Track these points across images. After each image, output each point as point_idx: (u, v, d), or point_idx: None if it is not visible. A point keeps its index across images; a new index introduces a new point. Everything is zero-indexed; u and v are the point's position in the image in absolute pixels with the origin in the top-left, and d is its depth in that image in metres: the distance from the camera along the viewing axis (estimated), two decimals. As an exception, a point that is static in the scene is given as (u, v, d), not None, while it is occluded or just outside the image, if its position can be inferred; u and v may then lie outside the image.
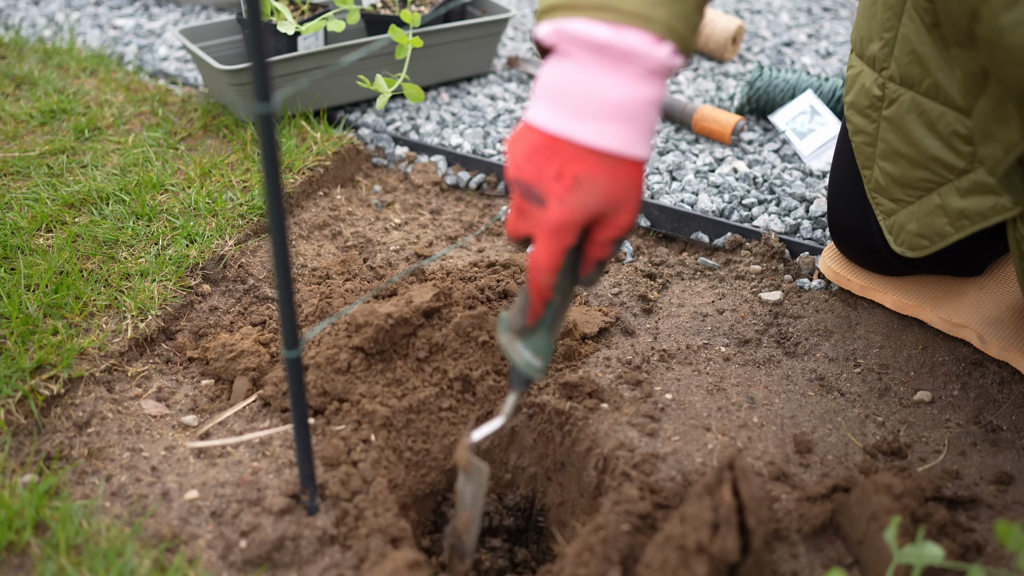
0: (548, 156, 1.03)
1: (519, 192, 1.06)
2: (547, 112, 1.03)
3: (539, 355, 1.15)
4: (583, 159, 1.02)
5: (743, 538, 1.10)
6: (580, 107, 1.01)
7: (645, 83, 1.01)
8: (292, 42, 2.27)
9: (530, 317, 1.13)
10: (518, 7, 3.10)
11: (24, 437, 1.40)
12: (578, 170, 1.02)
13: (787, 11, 3.09)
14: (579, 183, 1.02)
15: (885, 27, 1.43)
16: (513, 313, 1.15)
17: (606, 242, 1.08)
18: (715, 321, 1.72)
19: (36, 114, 2.24)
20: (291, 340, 1.14)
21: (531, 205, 1.05)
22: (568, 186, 1.02)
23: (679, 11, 1.01)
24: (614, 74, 1.00)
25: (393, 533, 1.26)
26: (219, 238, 1.83)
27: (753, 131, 2.31)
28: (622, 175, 1.03)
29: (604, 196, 1.03)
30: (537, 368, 1.16)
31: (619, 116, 1.01)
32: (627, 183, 1.04)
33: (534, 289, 1.10)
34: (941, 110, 1.37)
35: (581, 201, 1.03)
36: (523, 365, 1.16)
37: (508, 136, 2.30)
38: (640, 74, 1.01)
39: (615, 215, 1.05)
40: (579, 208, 1.03)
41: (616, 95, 1.01)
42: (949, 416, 1.51)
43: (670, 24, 1.00)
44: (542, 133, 1.04)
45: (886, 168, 1.49)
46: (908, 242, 1.49)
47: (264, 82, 0.99)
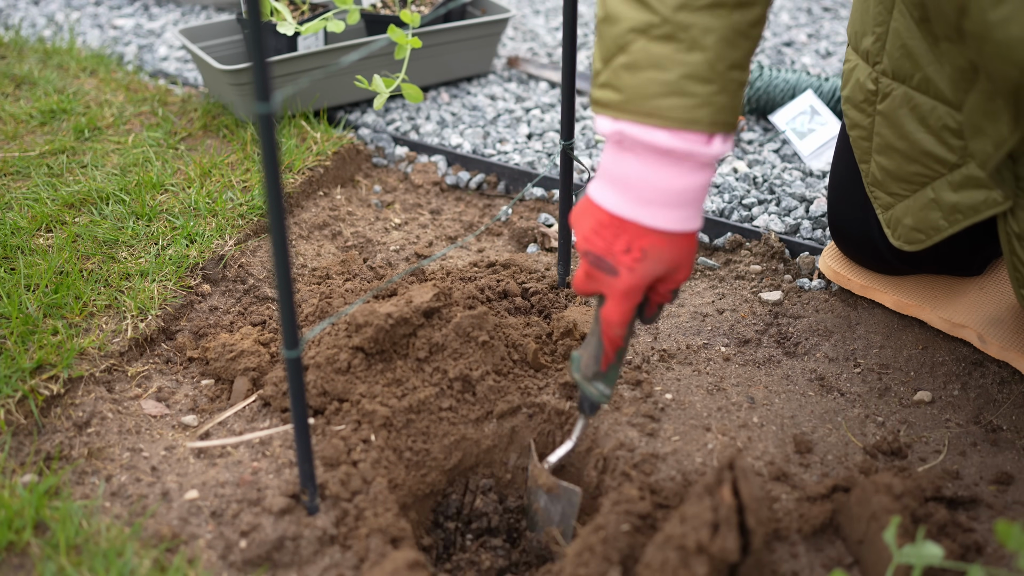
0: (616, 233, 1.17)
1: (589, 262, 1.21)
2: (614, 197, 1.17)
3: (610, 386, 1.31)
4: (649, 236, 1.16)
5: (743, 538, 1.10)
6: (644, 196, 1.15)
7: (699, 174, 1.14)
8: (292, 42, 2.27)
9: (603, 364, 1.29)
10: (518, 7, 3.10)
11: (24, 437, 1.40)
12: (644, 244, 1.16)
13: (787, 11, 3.09)
14: (646, 255, 1.16)
15: (877, 21, 1.43)
16: (587, 361, 1.30)
17: (667, 292, 1.24)
18: (715, 321, 1.72)
19: (36, 114, 2.24)
20: (291, 340, 1.14)
21: (602, 273, 1.20)
22: (637, 258, 1.17)
23: (721, 104, 1.11)
24: (675, 170, 1.14)
25: (393, 533, 1.26)
26: (219, 238, 1.83)
27: (753, 131, 2.31)
28: (682, 245, 1.18)
29: (667, 263, 1.18)
30: (607, 396, 1.32)
31: (678, 203, 1.15)
32: (686, 250, 1.19)
33: (608, 341, 1.26)
34: (932, 104, 1.38)
35: (648, 269, 1.17)
36: (597, 396, 1.31)
37: (524, 127, 2.31)
38: (696, 167, 1.14)
39: (675, 274, 1.21)
40: (647, 275, 1.18)
41: (676, 187, 1.14)
42: (949, 416, 1.51)
43: (714, 120, 1.11)
44: (609, 214, 1.17)
45: (882, 162, 1.50)
46: (905, 236, 1.50)
47: (264, 82, 0.99)
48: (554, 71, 2.59)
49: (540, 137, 2.32)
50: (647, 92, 1.11)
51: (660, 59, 1.10)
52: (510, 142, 2.29)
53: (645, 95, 1.11)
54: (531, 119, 2.38)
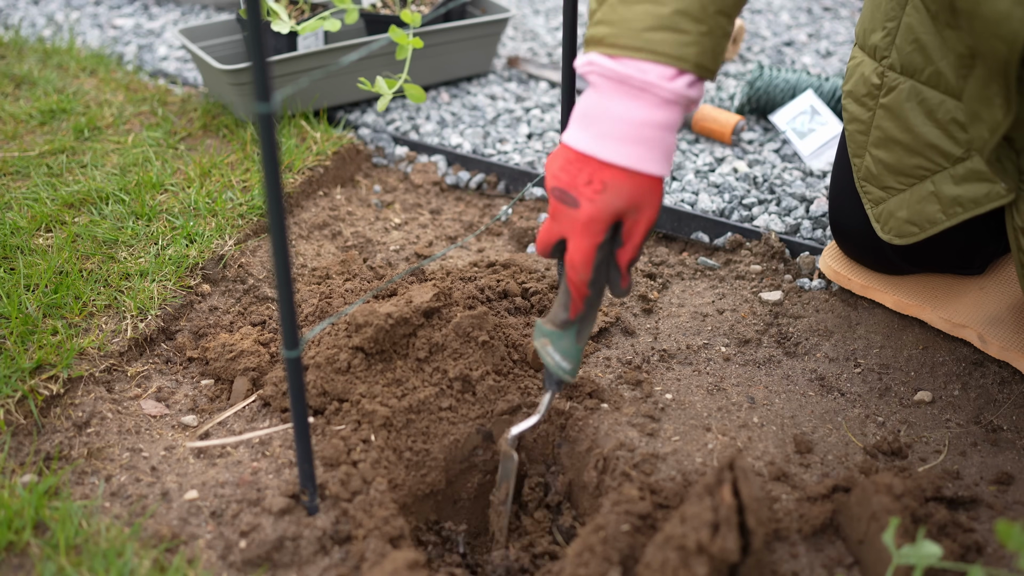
0: (580, 168, 1.19)
1: (555, 197, 1.21)
2: (578, 134, 1.20)
3: (567, 358, 1.29)
4: (609, 170, 1.18)
5: (743, 538, 1.10)
6: (604, 131, 1.17)
7: (659, 110, 1.15)
8: (292, 42, 2.27)
9: (571, 311, 1.27)
10: (518, 7, 3.10)
11: (24, 437, 1.40)
12: (605, 177, 1.18)
13: (787, 11, 3.09)
14: (606, 187, 1.18)
15: (888, 17, 1.45)
16: (553, 311, 1.29)
17: (635, 244, 1.23)
18: (715, 321, 1.72)
19: (36, 114, 2.24)
20: (291, 340, 1.14)
21: (566, 207, 1.20)
22: (597, 189, 1.18)
23: (707, 46, 1.14)
24: (632, 102, 1.15)
25: (393, 533, 1.26)
26: (219, 238, 1.82)
27: (753, 131, 2.31)
28: (642, 183, 1.18)
29: (627, 198, 1.18)
30: (566, 369, 1.30)
31: (637, 139, 1.16)
32: (647, 189, 1.19)
33: (573, 287, 1.25)
34: (941, 98, 1.39)
35: (608, 200, 1.18)
36: (553, 367, 1.30)
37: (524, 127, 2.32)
38: (656, 102, 1.15)
39: (638, 215, 1.20)
40: (607, 207, 1.18)
41: (634, 119, 1.15)
42: (949, 416, 1.51)
43: (699, 61, 1.14)
44: (574, 151, 1.20)
45: (879, 156, 1.50)
46: (896, 229, 1.50)
47: (264, 82, 0.99)
48: (554, 71, 2.59)
49: (540, 137, 2.32)
50: (640, 24, 1.13)
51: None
52: (510, 142, 2.29)
53: (637, 28, 1.13)
54: (531, 119, 2.38)
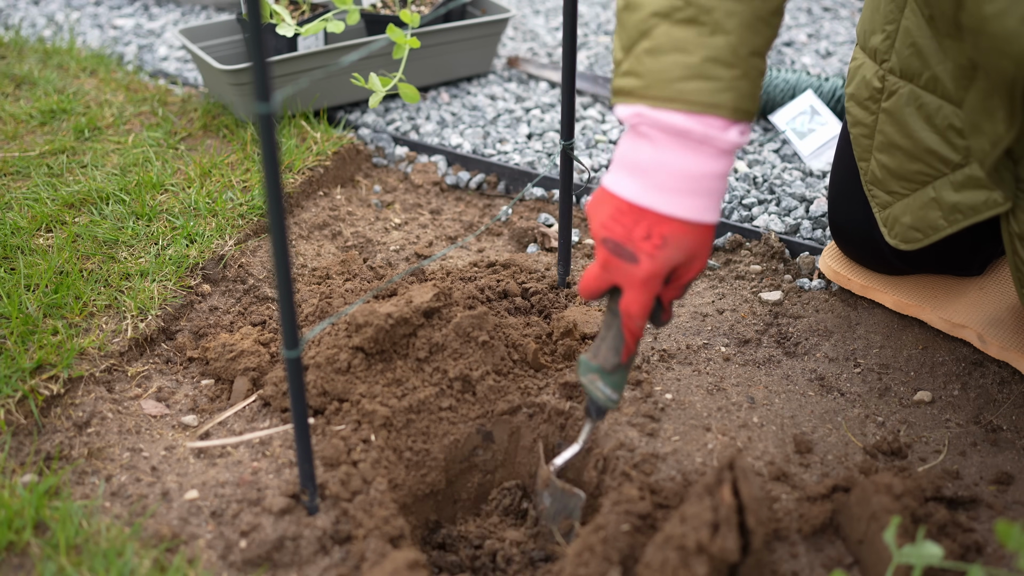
0: (635, 220, 1.15)
1: (608, 249, 1.18)
2: (631, 184, 1.16)
3: (616, 390, 1.30)
4: (668, 223, 1.15)
5: (743, 538, 1.10)
6: (661, 183, 1.14)
7: (716, 161, 1.13)
8: (292, 42, 2.27)
9: (624, 355, 1.26)
10: (518, 7, 3.10)
11: (24, 437, 1.40)
12: (664, 231, 1.15)
13: (787, 11, 3.09)
14: (667, 243, 1.15)
15: (888, 19, 1.44)
16: (604, 353, 1.27)
17: (680, 286, 1.22)
18: (715, 321, 1.72)
19: (36, 114, 2.24)
20: (291, 340, 1.14)
21: (621, 261, 1.18)
22: (657, 244, 1.15)
23: (744, 90, 1.12)
24: (692, 155, 1.13)
25: (393, 533, 1.26)
26: (219, 238, 1.83)
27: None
28: (701, 235, 1.17)
29: (687, 251, 1.16)
30: (615, 401, 1.30)
31: (696, 191, 1.14)
32: (705, 240, 1.18)
33: (628, 332, 1.23)
34: (939, 103, 1.38)
35: (668, 256, 1.16)
36: (604, 400, 1.30)
37: (524, 127, 2.31)
38: (714, 153, 1.13)
39: (692, 263, 1.19)
40: (667, 262, 1.16)
41: (693, 172, 1.13)
42: (949, 416, 1.51)
43: (737, 106, 1.12)
44: (627, 202, 1.16)
45: (883, 160, 1.50)
46: (902, 235, 1.50)
47: (264, 82, 0.99)
48: (554, 71, 2.59)
49: (540, 137, 2.32)
50: (670, 76, 1.10)
51: (683, 42, 1.10)
52: (510, 142, 2.29)
53: (668, 79, 1.11)
54: (531, 119, 2.38)
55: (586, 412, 1.34)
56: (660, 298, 1.24)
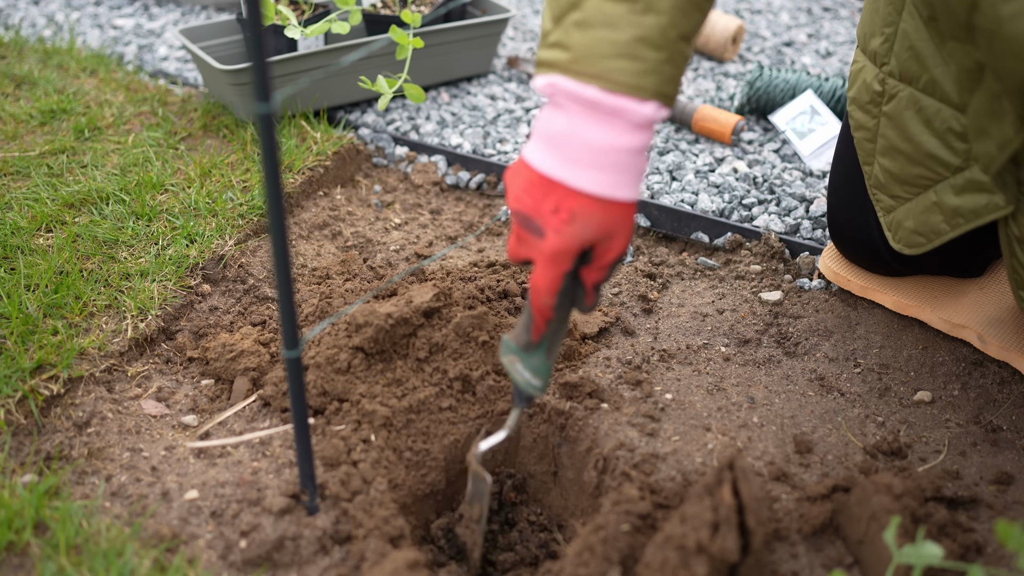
0: (545, 192, 1.12)
1: (518, 222, 1.15)
2: (544, 155, 1.12)
3: (537, 375, 1.25)
4: (577, 198, 1.10)
5: (743, 538, 1.10)
6: (573, 156, 1.10)
7: (631, 135, 1.09)
8: (292, 42, 2.27)
9: (534, 333, 1.22)
10: (518, 7, 3.10)
11: (24, 437, 1.40)
12: (573, 206, 1.10)
13: (787, 11, 3.09)
14: (575, 217, 1.11)
15: (886, 22, 1.43)
16: (517, 331, 1.25)
17: (602, 267, 1.17)
18: (715, 321, 1.72)
19: (36, 114, 2.24)
20: (291, 340, 1.14)
21: (530, 234, 1.15)
22: (564, 219, 1.11)
23: (668, 75, 1.09)
24: (603, 127, 1.09)
25: (393, 533, 1.26)
26: (219, 238, 1.83)
27: (753, 131, 2.31)
28: (613, 212, 1.12)
29: (597, 228, 1.12)
30: (536, 387, 1.25)
31: (608, 165, 1.10)
32: (618, 217, 1.12)
33: (536, 310, 1.20)
34: (938, 107, 1.38)
35: (576, 232, 1.11)
36: (524, 384, 1.25)
37: (524, 127, 2.31)
38: (627, 127, 1.09)
39: (609, 242, 1.14)
40: (574, 238, 1.12)
41: (604, 145, 1.09)
42: (949, 416, 1.51)
43: (659, 90, 1.08)
44: (539, 174, 1.12)
45: (885, 164, 1.49)
46: (905, 239, 1.50)
47: (264, 82, 0.99)
48: (554, 71, 2.58)
49: (540, 137, 2.31)
50: (597, 51, 1.08)
51: (614, 18, 1.07)
52: (510, 142, 2.29)
53: (595, 55, 1.08)
54: (531, 119, 2.38)
55: (512, 397, 1.30)
56: (583, 279, 1.19)
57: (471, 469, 1.34)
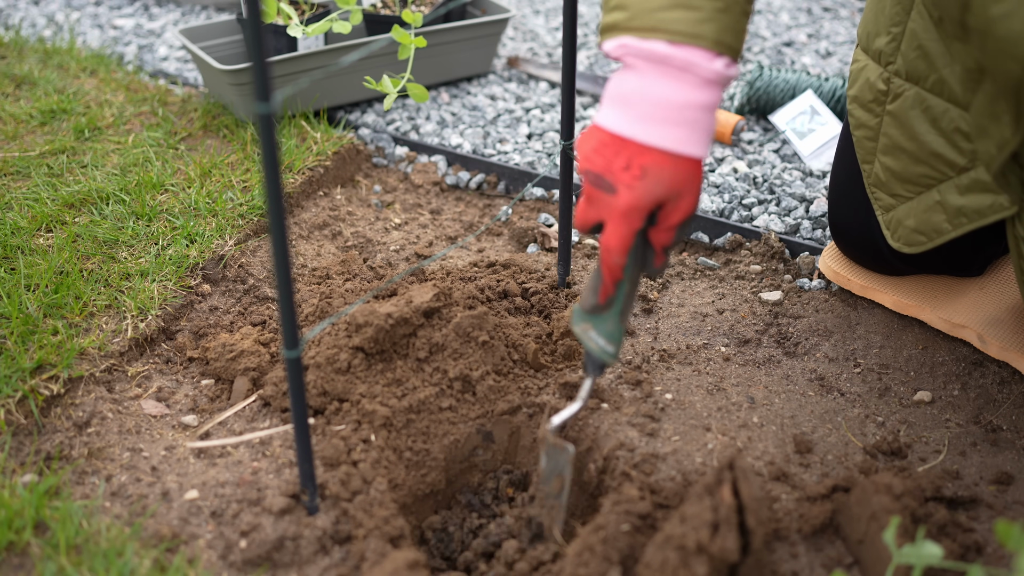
0: (616, 151, 1.15)
1: (590, 181, 1.18)
2: (614, 114, 1.15)
3: (612, 341, 1.25)
4: (649, 154, 1.13)
5: (743, 538, 1.10)
6: (644, 112, 1.13)
7: (701, 91, 1.12)
8: (292, 42, 2.27)
9: (601, 295, 1.23)
10: (518, 7, 3.10)
11: (24, 437, 1.40)
12: (644, 162, 1.13)
13: (787, 11, 3.09)
14: (646, 173, 1.13)
15: (893, 22, 1.43)
16: (584, 295, 1.25)
17: (671, 227, 1.19)
18: (715, 321, 1.72)
19: (36, 114, 2.24)
20: (291, 340, 1.14)
21: (602, 193, 1.17)
22: (636, 175, 1.14)
23: (726, 23, 1.11)
24: (674, 82, 1.12)
25: (393, 533, 1.26)
26: (219, 238, 1.83)
27: (753, 131, 2.32)
28: (684, 168, 1.14)
29: (668, 184, 1.14)
30: (611, 353, 1.25)
31: (678, 120, 1.12)
32: (688, 175, 1.15)
33: (606, 269, 1.21)
34: (945, 106, 1.38)
35: (648, 188, 1.14)
36: (598, 351, 1.25)
37: (524, 127, 2.31)
38: (697, 83, 1.12)
39: (678, 201, 1.16)
40: (646, 194, 1.14)
41: (674, 101, 1.12)
42: (949, 416, 1.51)
43: (718, 38, 1.11)
44: (610, 133, 1.15)
45: (887, 163, 1.49)
46: (905, 238, 1.50)
47: (264, 82, 0.99)
48: (554, 71, 2.59)
49: (540, 137, 2.32)
50: (652, 5, 1.11)
51: None
52: (510, 142, 2.29)
53: (650, 7, 1.11)
54: (531, 119, 2.38)
55: (583, 368, 1.29)
56: (651, 241, 1.21)
57: (548, 442, 1.32)
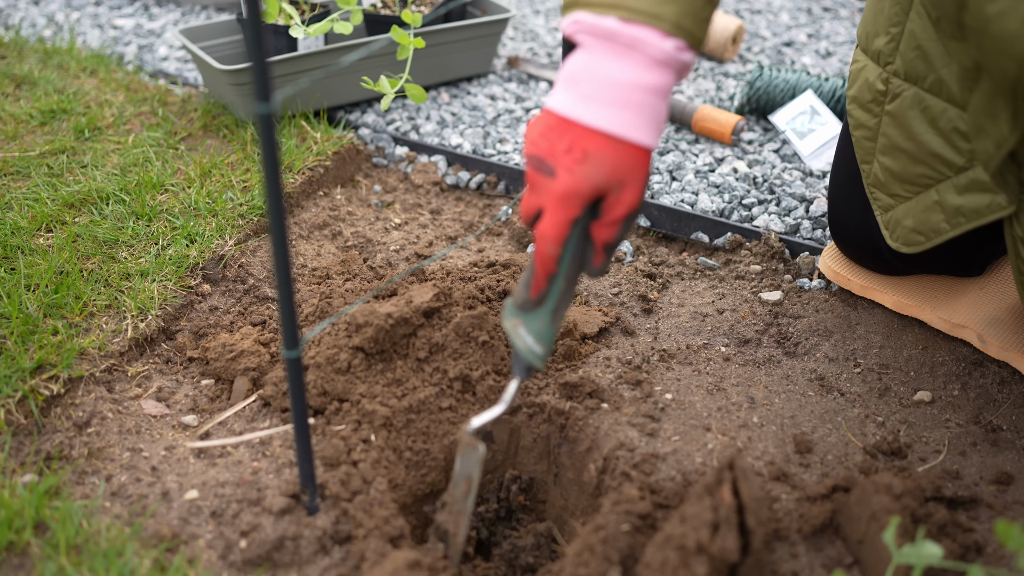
0: (560, 134, 1.10)
1: (532, 166, 1.13)
2: (562, 95, 1.11)
3: (540, 341, 1.18)
4: (592, 137, 1.08)
5: (743, 538, 1.10)
6: (590, 93, 1.08)
7: (650, 71, 1.07)
8: (292, 42, 2.27)
9: (534, 289, 1.18)
10: (518, 7, 3.10)
11: (24, 437, 1.40)
12: (587, 146, 1.09)
13: (787, 11, 3.09)
14: (587, 157, 1.09)
15: (892, 22, 1.43)
16: (518, 288, 1.19)
17: (613, 221, 1.13)
18: (715, 321, 1.72)
19: (36, 114, 2.24)
20: (291, 340, 1.14)
21: (542, 177, 1.12)
22: (577, 159, 1.09)
23: (689, 7, 1.07)
24: (621, 60, 1.07)
25: (393, 533, 1.26)
26: (219, 238, 1.83)
27: (753, 131, 2.32)
28: (627, 155, 1.09)
29: (610, 171, 1.09)
30: (538, 355, 1.18)
31: (624, 102, 1.07)
32: (632, 163, 1.10)
33: (539, 260, 1.15)
34: (944, 106, 1.38)
35: (588, 173, 1.09)
36: (524, 351, 1.18)
37: (524, 127, 2.30)
38: (646, 62, 1.07)
39: (620, 191, 1.11)
40: (586, 179, 1.09)
41: (620, 80, 1.07)
42: (949, 416, 1.51)
43: (678, 21, 1.06)
44: (556, 115, 1.11)
45: (886, 163, 1.49)
46: (904, 237, 1.50)
47: (264, 82, 0.99)
48: (554, 71, 2.59)
49: (540, 137, 2.31)
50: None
51: None
52: (510, 142, 2.29)
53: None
54: (531, 119, 2.38)
55: (511, 369, 1.21)
56: (592, 237, 1.15)
57: (461, 442, 1.25)
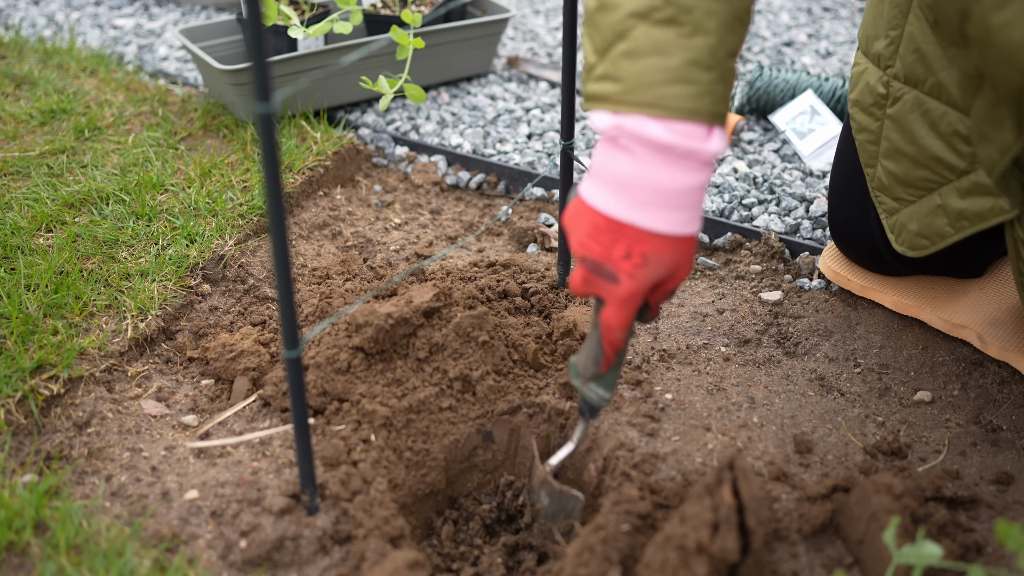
0: (614, 238, 1.12)
1: (587, 268, 1.16)
2: (609, 198, 1.12)
3: (609, 389, 1.29)
4: (649, 240, 1.11)
5: (743, 538, 1.10)
6: (642, 198, 1.10)
7: (698, 173, 1.10)
8: (292, 42, 2.27)
9: (603, 366, 1.25)
10: (518, 7, 3.10)
11: (24, 437, 1.40)
12: (645, 249, 1.11)
13: (787, 11, 3.09)
14: (647, 260, 1.12)
15: (891, 25, 1.43)
16: (585, 363, 1.27)
17: (668, 292, 1.20)
18: (715, 321, 1.72)
19: (36, 114, 2.24)
20: (291, 340, 1.14)
21: (602, 281, 1.15)
22: (638, 264, 1.12)
23: (720, 94, 1.09)
24: (674, 170, 1.09)
25: (393, 533, 1.26)
26: (219, 238, 1.83)
27: (753, 131, 2.32)
28: (683, 248, 1.14)
29: (669, 267, 1.14)
30: (607, 399, 1.29)
31: (678, 204, 1.10)
32: (687, 252, 1.15)
33: (608, 344, 1.22)
34: (943, 110, 1.37)
35: (650, 274, 1.13)
36: (597, 400, 1.29)
37: (524, 127, 2.30)
38: (696, 167, 1.10)
39: (676, 274, 1.17)
40: (648, 280, 1.14)
41: (675, 187, 1.09)
42: (949, 416, 1.51)
43: (714, 111, 1.08)
44: (606, 217, 1.12)
45: (889, 167, 1.49)
46: (909, 241, 1.49)
47: (264, 82, 0.99)
48: (554, 71, 2.59)
49: (540, 137, 2.32)
50: (649, 80, 1.06)
51: (663, 44, 1.06)
52: (510, 142, 2.29)
53: (647, 83, 1.06)
54: (531, 119, 2.38)
55: (579, 412, 1.33)
56: (649, 302, 1.21)
57: (554, 488, 1.36)
